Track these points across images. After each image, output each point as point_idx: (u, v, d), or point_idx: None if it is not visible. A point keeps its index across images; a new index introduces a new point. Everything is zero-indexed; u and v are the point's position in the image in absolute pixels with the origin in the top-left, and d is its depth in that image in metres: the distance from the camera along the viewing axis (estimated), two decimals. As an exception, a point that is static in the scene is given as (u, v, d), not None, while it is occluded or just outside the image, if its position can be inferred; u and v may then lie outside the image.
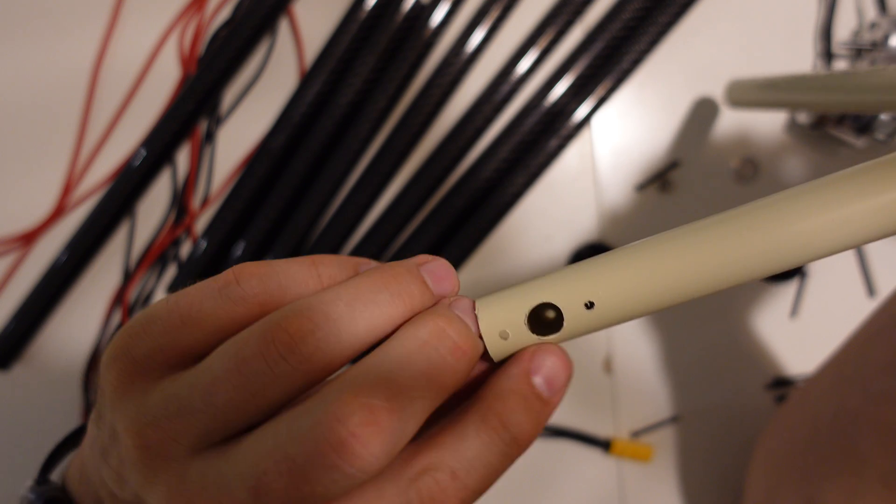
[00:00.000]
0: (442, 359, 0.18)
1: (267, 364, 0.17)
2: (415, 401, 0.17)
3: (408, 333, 0.18)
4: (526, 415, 0.18)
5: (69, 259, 0.51)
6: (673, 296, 0.19)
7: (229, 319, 0.18)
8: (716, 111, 0.53)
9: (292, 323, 0.17)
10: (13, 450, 0.52)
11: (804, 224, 0.18)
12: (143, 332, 0.18)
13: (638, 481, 0.52)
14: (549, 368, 0.19)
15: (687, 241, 0.19)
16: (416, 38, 0.52)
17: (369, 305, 0.18)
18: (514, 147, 0.52)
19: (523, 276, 0.53)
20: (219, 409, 0.17)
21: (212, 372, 0.17)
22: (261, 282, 0.19)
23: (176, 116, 0.52)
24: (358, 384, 0.17)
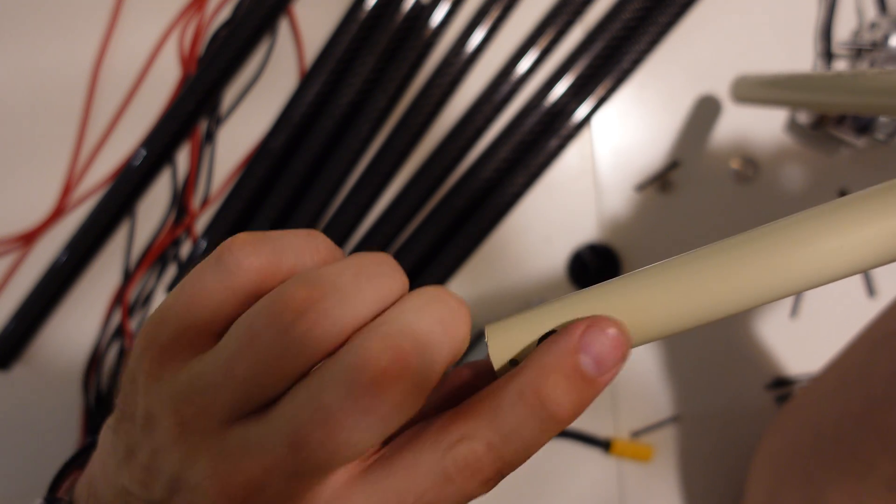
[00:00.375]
0: (453, 310, 0.19)
1: (278, 333, 0.17)
2: (436, 346, 0.18)
3: (416, 294, 0.19)
4: (567, 393, 0.18)
5: (69, 259, 0.51)
6: (684, 322, 0.19)
7: (230, 291, 0.19)
8: (718, 109, 0.53)
9: (300, 291, 0.17)
10: (13, 450, 0.52)
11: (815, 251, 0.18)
12: (163, 321, 0.19)
13: (638, 481, 0.52)
14: (600, 347, 0.18)
15: (697, 268, 0.19)
16: (416, 38, 0.52)
17: (373, 277, 0.19)
18: (514, 147, 0.52)
19: (523, 277, 0.53)
20: (240, 382, 0.17)
21: (228, 348, 0.18)
22: (255, 249, 0.19)
23: (176, 116, 0.52)
24: (384, 329, 0.17)
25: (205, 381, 0.18)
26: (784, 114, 0.53)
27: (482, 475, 0.18)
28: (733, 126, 0.53)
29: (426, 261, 0.52)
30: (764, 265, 0.18)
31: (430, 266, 0.51)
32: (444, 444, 0.18)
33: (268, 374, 0.17)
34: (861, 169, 0.53)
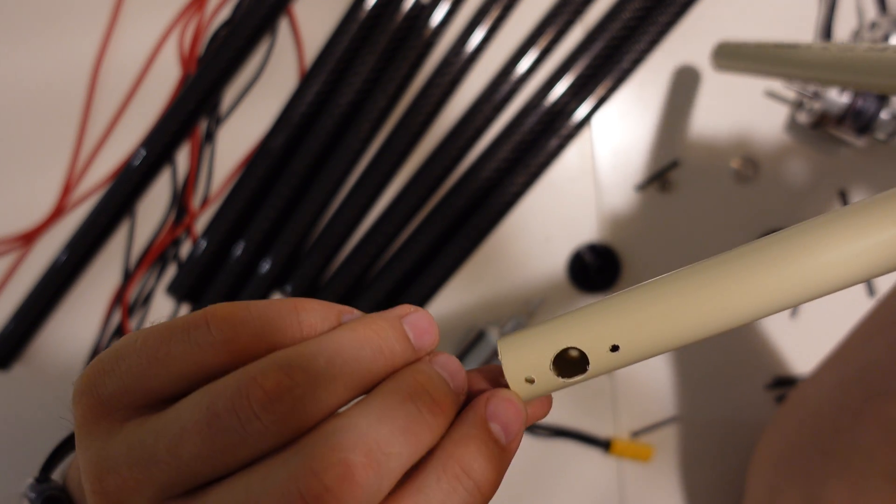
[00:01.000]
0: (420, 416, 0.18)
1: (240, 421, 0.16)
2: (391, 457, 0.17)
3: (387, 389, 0.18)
4: (486, 461, 0.18)
5: (69, 259, 0.51)
6: (697, 334, 0.19)
7: (197, 365, 0.17)
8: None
9: (269, 378, 0.16)
10: (13, 450, 0.52)
11: (820, 260, 0.18)
12: (111, 370, 0.18)
13: (638, 481, 0.52)
14: (504, 415, 0.19)
15: (708, 280, 0.19)
16: (416, 38, 0.52)
17: (350, 362, 0.18)
18: (514, 147, 0.52)
19: (523, 277, 0.53)
20: (184, 462, 0.16)
21: (180, 422, 0.17)
22: (233, 328, 0.17)
23: (176, 116, 0.52)
24: (335, 439, 0.16)
25: (142, 454, 0.17)
26: (784, 113, 0.53)
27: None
28: (733, 125, 0.53)
29: (426, 261, 0.52)
30: (768, 277, 0.18)
31: (431, 266, 0.51)
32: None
33: (218, 458, 0.16)
34: (861, 169, 0.53)
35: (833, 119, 0.48)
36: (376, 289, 0.51)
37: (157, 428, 0.17)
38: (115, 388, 0.18)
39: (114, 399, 0.18)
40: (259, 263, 0.52)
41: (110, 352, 0.18)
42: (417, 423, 0.18)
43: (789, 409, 0.42)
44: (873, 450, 0.31)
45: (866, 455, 0.31)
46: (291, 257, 0.52)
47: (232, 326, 0.17)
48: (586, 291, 0.53)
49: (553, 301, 0.53)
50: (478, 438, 0.18)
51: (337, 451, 0.16)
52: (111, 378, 0.18)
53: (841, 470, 0.33)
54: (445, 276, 0.51)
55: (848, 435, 0.33)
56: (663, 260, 0.53)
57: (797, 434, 0.39)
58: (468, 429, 0.19)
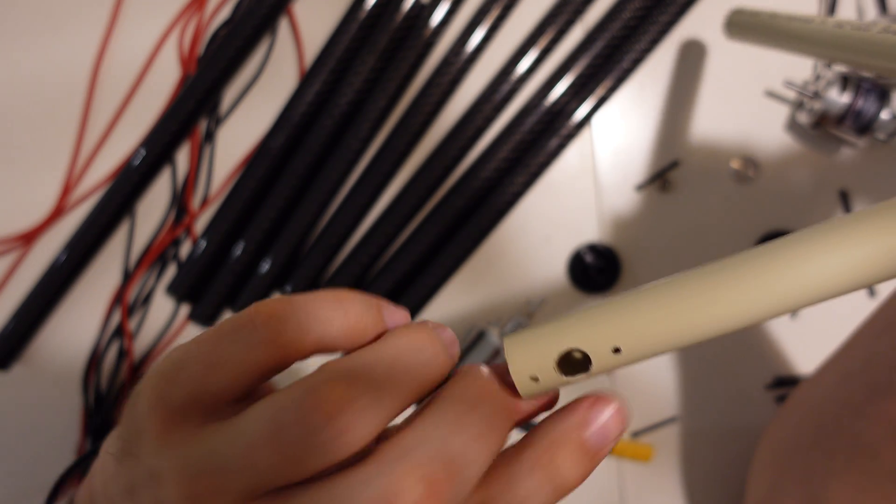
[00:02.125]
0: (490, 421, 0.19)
1: (306, 432, 0.17)
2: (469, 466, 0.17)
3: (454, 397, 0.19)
4: (575, 466, 0.19)
5: (69, 259, 0.51)
6: (697, 337, 0.19)
7: (251, 364, 0.18)
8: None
9: (333, 391, 0.17)
10: (13, 450, 0.52)
11: (820, 267, 0.18)
12: (175, 380, 0.18)
13: (638, 481, 0.52)
14: (603, 422, 0.19)
15: (708, 284, 0.19)
16: (416, 38, 0.52)
17: (408, 371, 0.18)
18: (514, 147, 0.52)
19: (523, 277, 0.53)
20: (258, 471, 0.17)
21: (248, 435, 0.17)
22: (280, 323, 0.18)
23: (176, 116, 0.52)
24: (415, 455, 0.17)
25: (222, 461, 0.17)
26: (784, 113, 0.53)
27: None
28: (733, 126, 0.53)
29: (426, 261, 0.52)
30: (768, 283, 0.18)
31: (431, 266, 0.51)
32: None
33: (289, 468, 0.17)
34: (861, 169, 0.53)
35: (833, 119, 0.48)
36: (376, 289, 0.51)
37: (229, 438, 0.17)
38: (183, 398, 0.18)
39: (185, 408, 0.18)
40: (259, 263, 0.52)
41: (169, 363, 0.18)
42: (489, 429, 0.18)
43: (791, 408, 0.42)
44: (876, 448, 0.31)
45: (869, 454, 0.31)
46: (291, 257, 0.52)
47: (279, 321, 0.18)
48: (586, 291, 0.53)
49: (553, 301, 0.53)
50: (571, 445, 0.19)
51: (419, 468, 0.17)
52: (176, 388, 0.18)
53: (843, 469, 0.32)
54: (445, 276, 0.51)
55: (851, 433, 0.33)
56: (664, 260, 0.53)
57: (799, 433, 0.39)
58: (566, 433, 0.19)
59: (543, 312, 0.52)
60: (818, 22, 0.35)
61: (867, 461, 0.31)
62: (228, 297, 0.52)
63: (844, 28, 0.33)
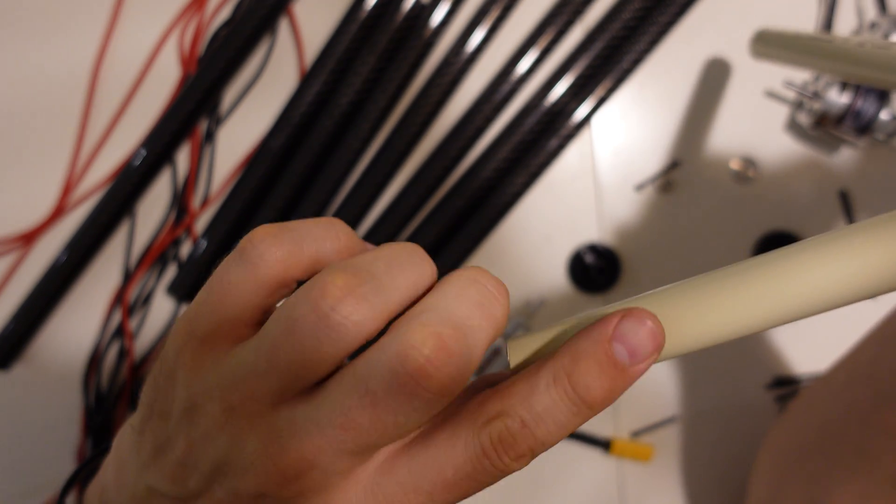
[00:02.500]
0: (490, 292, 0.19)
1: (318, 320, 0.18)
2: (475, 329, 0.18)
3: (454, 277, 0.20)
4: (599, 380, 0.19)
5: (69, 259, 0.51)
6: (696, 345, 0.19)
7: (256, 283, 0.19)
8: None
9: (337, 278, 0.18)
10: (13, 450, 0.52)
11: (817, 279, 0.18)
12: (197, 316, 0.20)
13: (638, 481, 0.52)
14: (634, 337, 0.19)
15: (711, 291, 0.19)
16: (416, 38, 0.52)
17: (405, 265, 0.19)
18: (514, 147, 0.52)
19: (523, 277, 0.53)
20: (284, 368, 0.18)
21: (269, 336, 0.18)
22: (276, 240, 0.19)
23: (176, 116, 0.52)
24: (423, 318, 0.18)
25: (249, 369, 0.18)
26: (784, 114, 0.53)
27: (515, 451, 0.19)
28: (733, 126, 0.53)
29: (426, 261, 0.52)
30: (768, 293, 0.19)
31: (430, 266, 0.51)
32: (480, 421, 0.19)
33: (310, 359, 0.18)
34: (861, 169, 0.53)
35: (833, 119, 0.48)
36: (376, 289, 0.51)
37: (254, 346, 0.19)
38: (207, 327, 0.19)
39: (210, 336, 0.19)
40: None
41: (192, 305, 0.20)
42: (488, 299, 0.19)
43: (795, 412, 0.42)
44: (880, 455, 0.31)
45: (873, 461, 0.31)
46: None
47: (275, 238, 0.19)
48: (586, 292, 0.53)
49: (553, 301, 0.53)
50: (595, 357, 0.19)
51: (429, 327, 0.18)
52: (200, 321, 0.20)
53: (847, 475, 0.33)
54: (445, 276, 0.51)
55: (855, 440, 0.33)
56: (664, 260, 0.53)
57: (803, 437, 0.39)
58: (589, 345, 0.19)
59: (543, 312, 0.52)
60: (839, 41, 0.36)
61: (871, 469, 0.31)
62: (228, 297, 0.52)
63: (865, 46, 0.33)
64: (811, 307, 0.18)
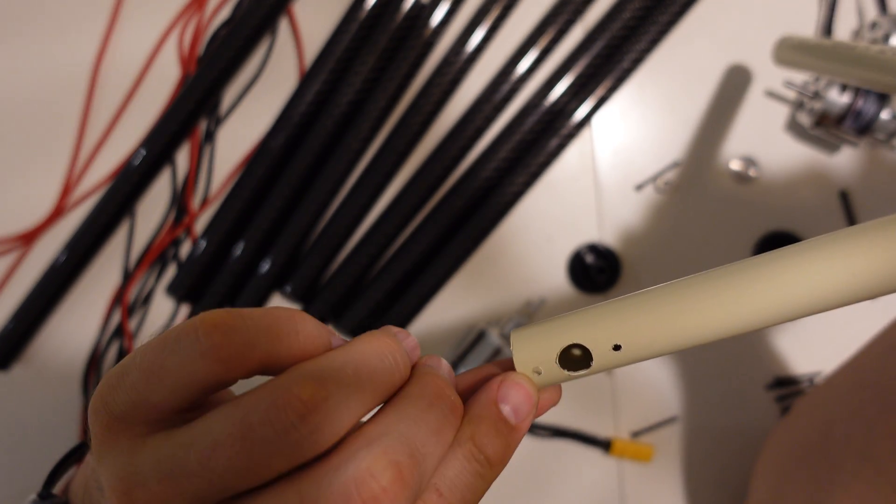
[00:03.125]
0: (445, 418, 0.19)
1: (276, 432, 0.16)
2: (428, 457, 0.18)
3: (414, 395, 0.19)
4: (497, 438, 0.20)
5: (69, 259, 0.51)
6: (695, 339, 0.20)
7: (190, 378, 0.17)
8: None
9: (305, 389, 0.17)
10: (13, 449, 0.52)
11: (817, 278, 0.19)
12: (117, 386, 0.18)
13: (638, 481, 0.52)
14: (514, 399, 0.20)
15: (706, 290, 0.20)
16: (416, 38, 0.52)
17: (374, 373, 0.19)
18: (514, 147, 0.51)
19: (523, 276, 0.53)
20: (218, 475, 0.16)
21: (212, 435, 0.17)
22: (223, 334, 0.17)
23: (176, 116, 0.52)
24: (384, 443, 0.17)
25: (172, 467, 0.17)
26: (785, 113, 0.53)
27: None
28: (733, 126, 0.53)
29: (427, 260, 0.52)
30: (764, 292, 0.19)
31: (431, 266, 0.51)
32: None
33: (254, 469, 0.17)
34: (861, 169, 0.53)
35: (833, 119, 0.48)
36: (376, 289, 0.51)
37: (185, 441, 0.17)
38: (125, 404, 0.18)
39: (126, 415, 0.18)
40: (259, 263, 0.52)
41: (116, 368, 0.18)
42: (444, 424, 0.19)
43: (799, 414, 0.42)
44: (884, 461, 0.31)
45: (877, 466, 0.31)
46: (291, 257, 0.52)
47: (223, 333, 0.17)
48: (586, 291, 0.53)
49: (553, 301, 0.53)
50: (489, 419, 0.20)
51: (388, 454, 0.17)
52: (119, 394, 0.18)
53: (849, 479, 0.33)
54: (446, 276, 0.51)
55: (860, 445, 0.33)
56: (664, 260, 0.53)
57: (806, 440, 0.39)
58: (481, 409, 0.20)
59: (543, 312, 0.52)
60: (861, 48, 0.36)
61: (875, 473, 0.31)
62: (228, 297, 0.52)
63: (886, 54, 0.33)
64: (797, 310, 0.19)
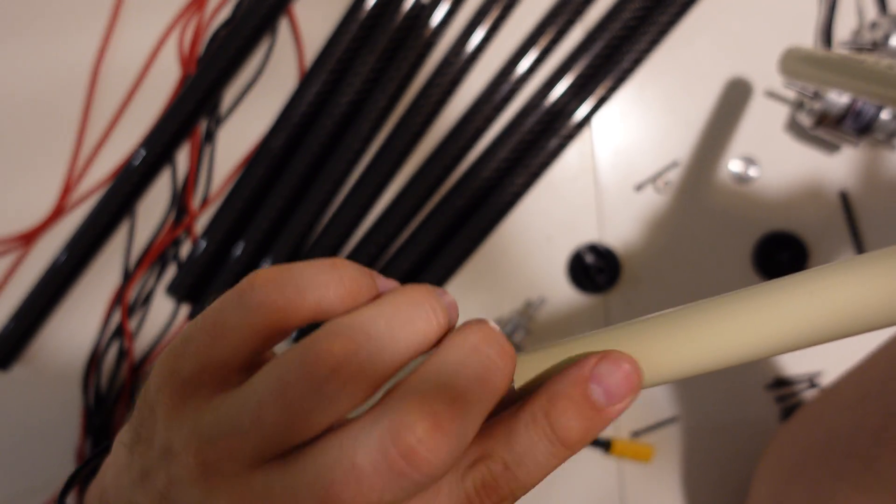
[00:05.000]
0: (493, 362, 0.18)
1: (311, 387, 0.17)
2: (473, 404, 0.17)
3: (456, 342, 0.18)
4: (576, 420, 0.19)
5: (69, 259, 0.51)
6: (697, 369, 0.20)
7: (252, 330, 0.18)
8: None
9: (335, 343, 0.17)
10: (13, 450, 0.52)
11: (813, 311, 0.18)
12: (184, 353, 0.19)
13: (638, 481, 0.52)
14: (611, 379, 0.19)
15: (709, 319, 0.19)
16: (416, 38, 0.52)
17: (407, 324, 0.18)
18: (514, 147, 0.51)
19: (523, 276, 0.53)
20: (268, 430, 0.17)
21: (257, 394, 0.17)
22: (276, 287, 0.18)
23: (176, 116, 0.52)
24: (420, 392, 0.17)
25: (230, 425, 0.18)
26: (785, 113, 0.53)
27: (498, 494, 0.18)
28: (733, 126, 0.53)
29: (427, 260, 0.52)
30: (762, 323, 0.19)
31: (431, 266, 0.51)
32: (463, 465, 0.18)
33: (297, 424, 0.17)
34: (861, 169, 0.53)
35: (833, 119, 0.48)
36: (376, 289, 0.51)
37: (239, 400, 0.18)
38: (192, 369, 0.18)
39: (194, 378, 0.18)
40: (259, 263, 0.52)
41: (179, 338, 0.19)
42: (491, 371, 0.18)
43: (802, 421, 0.42)
44: (887, 473, 0.31)
45: (880, 477, 0.31)
46: (291, 257, 0.52)
47: (276, 286, 0.18)
48: (587, 291, 0.53)
49: (553, 301, 0.53)
50: (573, 399, 0.19)
51: (425, 404, 0.17)
52: (185, 360, 0.18)
53: (852, 489, 0.33)
54: (446, 276, 0.51)
55: (863, 456, 0.33)
56: (663, 260, 0.53)
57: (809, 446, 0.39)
58: (566, 387, 0.19)
59: (544, 312, 0.52)
60: (870, 62, 0.36)
61: (878, 484, 0.31)
62: (228, 297, 0.52)
63: (895, 70, 0.33)
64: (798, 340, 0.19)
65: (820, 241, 0.52)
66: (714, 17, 0.54)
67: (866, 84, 0.35)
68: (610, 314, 0.53)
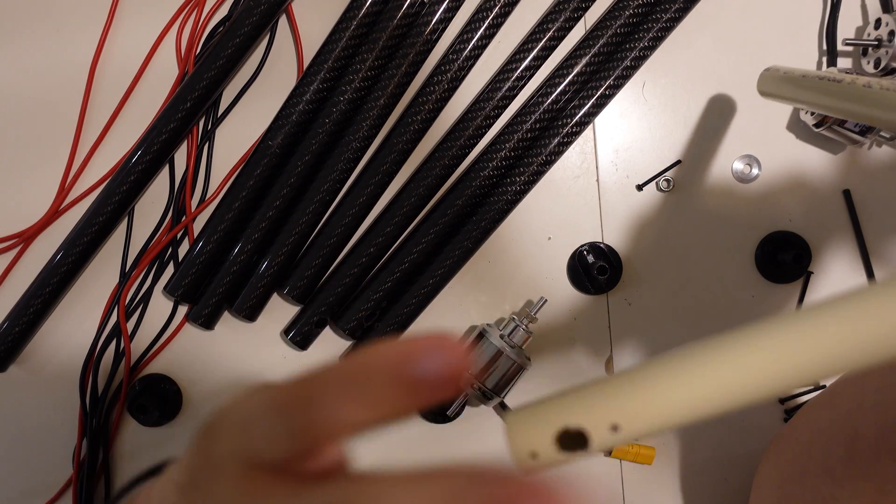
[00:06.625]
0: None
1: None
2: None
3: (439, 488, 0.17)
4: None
5: (66, 259, 0.51)
6: (700, 414, 0.20)
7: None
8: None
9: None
10: (11, 450, 0.52)
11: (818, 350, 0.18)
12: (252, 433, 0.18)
13: (640, 484, 0.51)
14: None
15: (704, 365, 0.20)
16: (416, 36, 0.51)
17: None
18: (515, 146, 0.51)
19: (524, 276, 0.52)
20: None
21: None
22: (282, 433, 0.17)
23: (173, 115, 0.51)
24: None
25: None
26: (787, 112, 0.53)
27: None
28: (736, 125, 0.53)
29: (427, 261, 0.51)
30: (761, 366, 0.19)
31: (431, 266, 0.51)
32: None
33: None
34: (864, 168, 0.52)
35: (836, 118, 0.48)
36: (376, 289, 0.51)
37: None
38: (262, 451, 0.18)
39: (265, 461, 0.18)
40: (257, 263, 0.51)
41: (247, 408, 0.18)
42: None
43: (800, 427, 0.42)
44: (886, 482, 0.31)
45: (878, 486, 0.31)
46: (290, 257, 0.52)
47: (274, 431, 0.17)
48: (587, 291, 0.53)
49: (554, 301, 0.52)
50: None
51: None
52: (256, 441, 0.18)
53: (849, 497, 0.32)
54: (446, 276, 0.51)
55: (861, 464, 0.33)
56: (665, 260, 0.53)
57: (807, 454, 0.39)
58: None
59: (544, 312, 0.52)
60: (847, 81, 0.35)
61: (875, 493, 0.31)
62: (226, 297, 0.52)
63: (873, 88, 0.33)
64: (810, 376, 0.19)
65: (823, 241, 0.52)
66: (716, 16, 0.53)
67: (845, 103, 0.35)
68: (611, 314, 0.53)
